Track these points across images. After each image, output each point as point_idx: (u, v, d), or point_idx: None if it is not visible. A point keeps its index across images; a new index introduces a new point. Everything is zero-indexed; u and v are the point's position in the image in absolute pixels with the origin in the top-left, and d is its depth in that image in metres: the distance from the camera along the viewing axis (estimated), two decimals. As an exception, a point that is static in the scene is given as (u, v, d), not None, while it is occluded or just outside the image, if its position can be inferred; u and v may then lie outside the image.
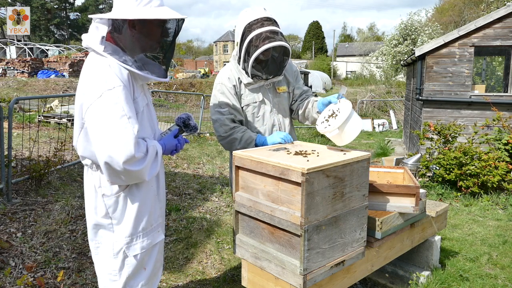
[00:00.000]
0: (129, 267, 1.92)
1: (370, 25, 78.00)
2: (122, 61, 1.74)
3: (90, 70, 1.76)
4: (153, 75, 1.83)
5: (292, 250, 1.96)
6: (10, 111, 4.51)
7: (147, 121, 1.89)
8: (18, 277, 2.86)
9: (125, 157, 1.65)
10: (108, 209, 1.88)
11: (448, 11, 38.06)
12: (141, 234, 1.92)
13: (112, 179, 1.76)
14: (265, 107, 2.59)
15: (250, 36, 2.32)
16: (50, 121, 9.68)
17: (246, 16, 2.38)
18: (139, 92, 1.86)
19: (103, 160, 1.67)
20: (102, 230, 1.93)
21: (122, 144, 1.65)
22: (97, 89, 1.68)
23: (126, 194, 1.87)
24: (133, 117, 1.70)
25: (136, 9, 1.74)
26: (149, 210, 1.94)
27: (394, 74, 27.18)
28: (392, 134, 14.19)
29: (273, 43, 2.30)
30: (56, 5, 61.75)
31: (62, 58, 25.27)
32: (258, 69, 2.42)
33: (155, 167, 1.82)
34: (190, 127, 2.06)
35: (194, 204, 4.80)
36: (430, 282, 2.89)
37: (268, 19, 2.36)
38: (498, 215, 4.71)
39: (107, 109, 1.66)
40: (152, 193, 1.95)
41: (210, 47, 64.25)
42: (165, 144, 1.94)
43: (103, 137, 1.66)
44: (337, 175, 1.96)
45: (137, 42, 1.79)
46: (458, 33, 7.46)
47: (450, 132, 5.95)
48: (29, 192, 4.57)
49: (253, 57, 2.33)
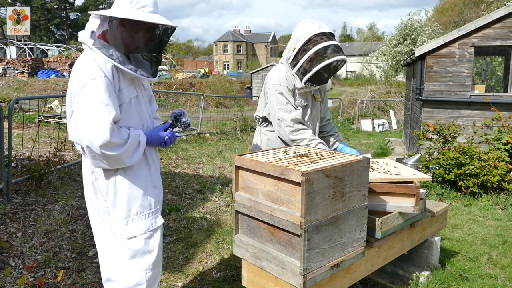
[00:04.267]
0: (128, 249, 2.01)
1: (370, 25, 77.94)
2: (108, 55, 1.87)
3: (79, 62, 1.91)
4: (137, 72, 1.93)
5: (292, 250, 1.96)
6: (10, 111, 4.52)
7: (135, 112, 2.02)
8: (18, 277, 2.86)
9: (101, 141, 1.79)
10: (102, 192, 2.00)
11: (448, 11, 38.06)
12: (136, 218, 2.03)
13: (95, 163, 1.90)
14: (307, 111, 2.81)
15: (319, 46, 2.51)
16: (50, 121, 9.68)
17: (312, 26, 2.58)
18: (127, 84, 1.98)
19: (85, 143, 1.83)
20: (101, 213, 2.03)
21: (98, 129, 1.79)
22: (82, 79, 1.84)
23: (116, 179, 1.99)
24: (110, 105, 1.83)
25: (129, 10, 1.88)
26: (141, 194, 2.04)
27: (394, 74, 27.17)
28: (392, 134, 14.19)
29: (341, 56, 2.55)
30: (56, 5, 61.76)
31: (62, 58, 25.28)
32: (315, 76, 2.59)
33: (137, 154, 1.96)
34: (182, 122, 2.17)
35: (194, 204, 4.80)
36: (430, 282, 2.90)
37: (332, 34, 2.60)
38: (498, 215, 4.71)
39: (88, 97, 1.81)
40: (143, 178, 2.05)
41: (210, 47, 64.25)
42: (152, 135, 2.06)
43: (84, 122, 1.82)
44: (337, 175, 1.97)
45: (124, 40, 1.92)
46: (458, 33, 7.45)
47: (450, 132, 5.96)
48: (29, 192, 4.57)
49: (321, 65, 2.53)
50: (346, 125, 16.10)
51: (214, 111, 15.27)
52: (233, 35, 59.77)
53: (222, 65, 57.55)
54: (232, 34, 60.20)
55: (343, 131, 14.38)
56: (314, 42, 2.53)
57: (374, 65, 32.93)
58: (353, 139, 13.01)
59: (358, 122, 15.83)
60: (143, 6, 1.90)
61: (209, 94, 20.65)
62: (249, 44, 60.93)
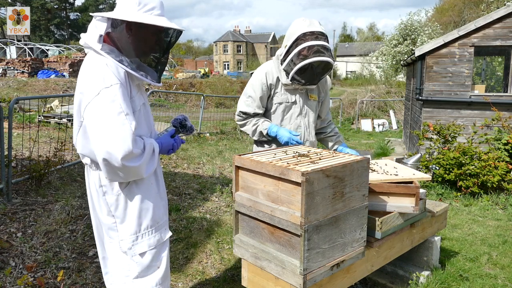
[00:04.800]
0: (138, 266, 1.94)
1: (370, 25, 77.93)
2: (118, 60, 1.78)
3: (88, 68, 1.79)
4: (147, 78, 1.87)
5: (292, 250, 1.96)
6: (10, 111, 4.52)
7: (143, 120, 1.93)
8: (18, 277, 2.86)
9: (124, 153, 1.68)
10: (110, 207, 1.90)
11: (448, 11, 38.05)
12: (146, 232, 1.94)
13: (110, 176, 1.79)
14: (295, 109, 2.79)
15: (303, 45, 2.50)
16: (50, 121, 9.68)
17: (303, 25, 2.55)
18: (136, 91, 1.89)
19: (101, 156, 1.70)
20: (108, 229, 1.96)
21: (120, 140, 1.68)
22: (95, 87, 1.72)
23: (127, 193, 1.89)
24: (130, 114, 1.74)
25: (137, 13, 1.79)
26: (152, 207, 1.95)
27: (394, 74, 27.16)
28: (392, 134, 14.19)
29: (321, 58, 2.50)
30: (56, 5, 61.77)
31: (62, 58, 25.28)
32: (299, 74, 2.59)
33: (152, 164, 1.87)
34: (187, 127, 2.11)
35: (194, 204, 4.80)
36: (430, 282, 2.90)
37: (322, 34, 2.55)
38: (498, 215, 4.71)
39: (105, 107, 1.69)
40: (152, 190, 1.97)
41: (210, 47, 64.25)
42: (162, 143, 1.97)
43: (101, 134, 1.69)
44: (337, 175, 1.97)
45: (131, 44, 1.82)
46: (458, 33, 7.45)
47: (450, 132, 5.96)
48: (29, 192, 4.57)
49: (300, 65, 2.52)
50: (346, 125, 16.10)
51: (214, 111, 15.27)
52: (233, 35, 59.80)
53: (222, 65, 57.57)
54: (232, 34, 60.22)
55: (343, 131, 14.39)
56: (300, 41, 2.52)
57: (374, 65, 32.94)
58: (353, 139, 13.01)
59: (358, 122, 15.83)
60: (151, 9, 1.81)
61: (209, 94, 20.63)
62: (249, 44, 60.96)
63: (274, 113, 2.79)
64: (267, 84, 2.73)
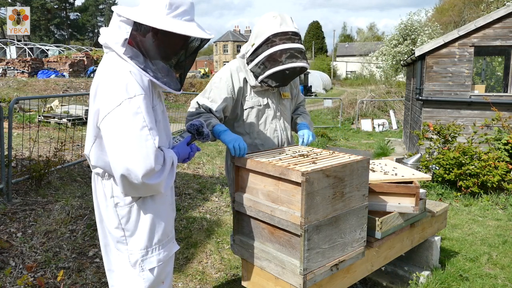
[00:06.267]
0: (145, 282, 1.81)
1: (370, 25, 77.89)
2: (142, 68, 1.64)
3: (109, 74, 1.64)
4: (171, 87, 1.73)
5: (292, 250, 1.96)
6: (10, 111, 4.52)
7: (163, 129, 1.78)
8: (18, 277, 2.86)
9: (145, 171, 1.56)
10: (120, 219, 1.78)
11: (448, 11, 38.04)
12: (157, 247, 1.82)
13: (127, 192, 1.68)
14: (269, 111, 2.56)
15: (275, 48, 2.25)
16: (50, 121, 9.68)
17: (274, 23, 2.29)
18: (157, 98, 1.75)
19: (119, 172, 1.58)
20: (116, 242, 1.83)
21: (142, 157, 1.55)
22: (116, 97, 1.57)
23: (140, 205, 1.77)
24: (154, 128, 1.61)
25: (165, 18, 1.64)
26: (164, 221, 1.83)
27: (394, 74, 27.16)
28: (392, 134, 14.18)
29: (296, 64, 2.26)
30: (56, 5, 61.79)
31: (62, 58, 25.26)
32: (270, 78, 2.36)
33: (171, 178, 1.74)
34: (204, 135, 1.95)
35: (194, 204, 4.80)
36: (430, 282, 2.90)
37: (295, 34, 2.30)
38: (498, 215, 4.71)
39: (127, 119, 1.55)
40: (167, 203, 1.87)
41: (210, 47, 64.24)
42: (179, 153, 1.84)
43: (122, 149, 1.56)
44: (337, 175, 1.97)
45: (156, 49, 1.68)
46: (458, 33, 7.46)
47: (450, 132, 5.96)
48: (29, 192, 4.57)
49: (272, 71, 2.28)
50: (346, 125, 16.09)
51: (214, 111, 15.21)
52: (233, 35, 59.79)
53: (222, 65, 57.42)
54: (232, 34, 60.20)
55: (343, 131, 14.38)
56: (271, 43, 2.25)
57: (374, 65, 32.93)
58: (353, 139, 13.01)
59: (358, 122, 15.82)
60: (182, 14, 1.66)
61: (209, 94, 20.52)
62: (249, 44, 60.85)
63: (247, 119, 2.52)
64: (233, 87, 2.45)
